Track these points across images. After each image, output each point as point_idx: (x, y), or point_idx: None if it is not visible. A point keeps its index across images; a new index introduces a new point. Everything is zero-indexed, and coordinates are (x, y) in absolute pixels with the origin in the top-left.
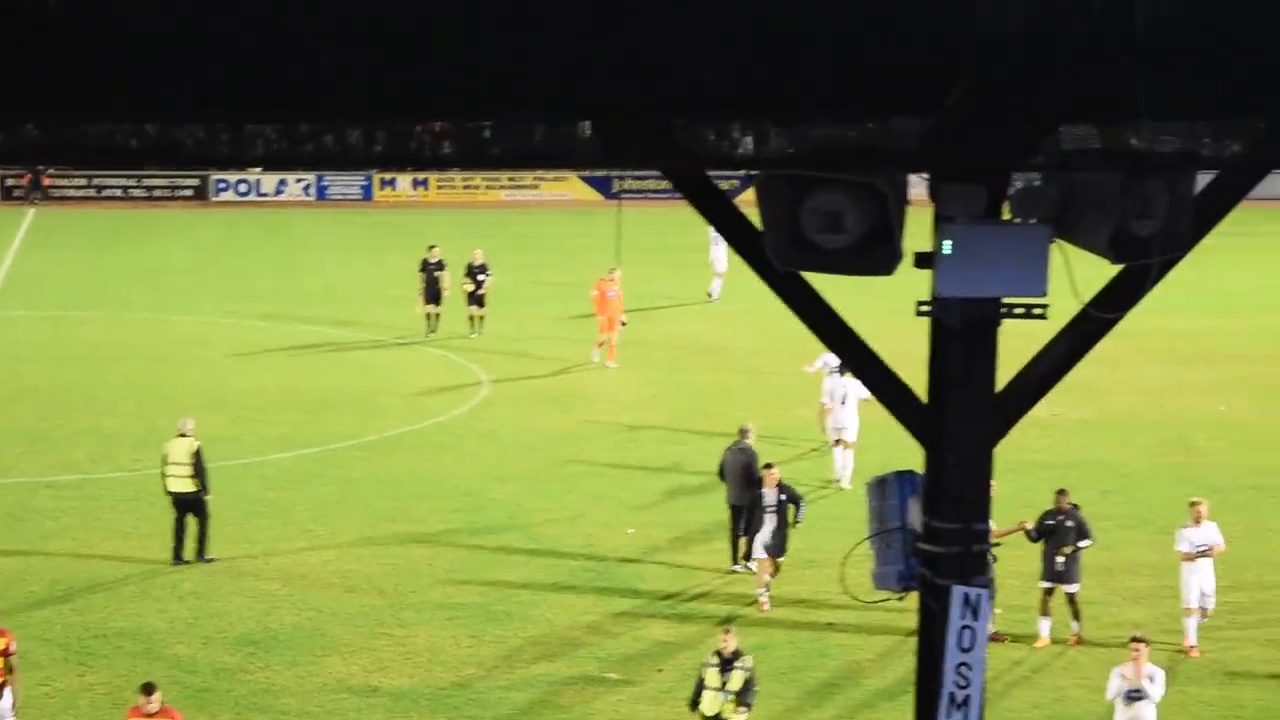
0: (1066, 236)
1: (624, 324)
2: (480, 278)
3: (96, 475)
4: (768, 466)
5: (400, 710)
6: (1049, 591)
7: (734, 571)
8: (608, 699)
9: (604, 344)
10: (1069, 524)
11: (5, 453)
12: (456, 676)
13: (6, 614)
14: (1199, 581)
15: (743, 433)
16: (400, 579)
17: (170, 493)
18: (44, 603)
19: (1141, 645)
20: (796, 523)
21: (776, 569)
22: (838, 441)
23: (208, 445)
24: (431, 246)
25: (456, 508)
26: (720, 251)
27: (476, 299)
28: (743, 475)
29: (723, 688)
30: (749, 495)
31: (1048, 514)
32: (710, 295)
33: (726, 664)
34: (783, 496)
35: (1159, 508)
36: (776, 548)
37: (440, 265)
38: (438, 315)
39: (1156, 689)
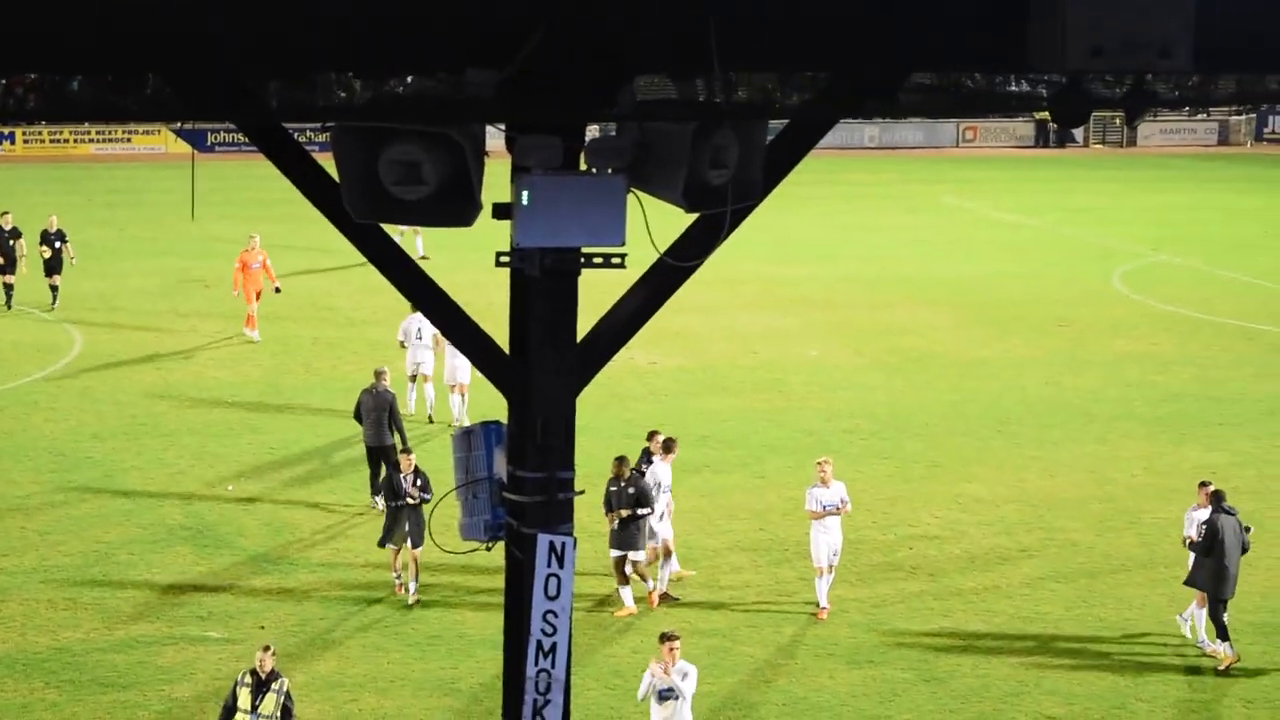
0: (643, 186)
1: (278, 290)
2: (57, 245)
3: None
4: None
5: None
6: (621, 560)
7: (373, 507)
8: (210, 658)
9: (253, 315)
10: (630, 490)
11: None
12: (53, 640)
13: None
14: (828, 541)
15: (378, 375)
16: None
17: None
18: None
19: (674, 642)
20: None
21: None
22: (413, 376)
23: None
24: (3, 213)
25: (50, 468)
26: None
27: (54, 267)
28: (379, 417)
29: (253, 711)
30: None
31: (610, 481)
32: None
33: (262, 686)
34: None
35: (756, 451)
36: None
37: (15, 233)
38: (11, 285)
39: (689, 685)
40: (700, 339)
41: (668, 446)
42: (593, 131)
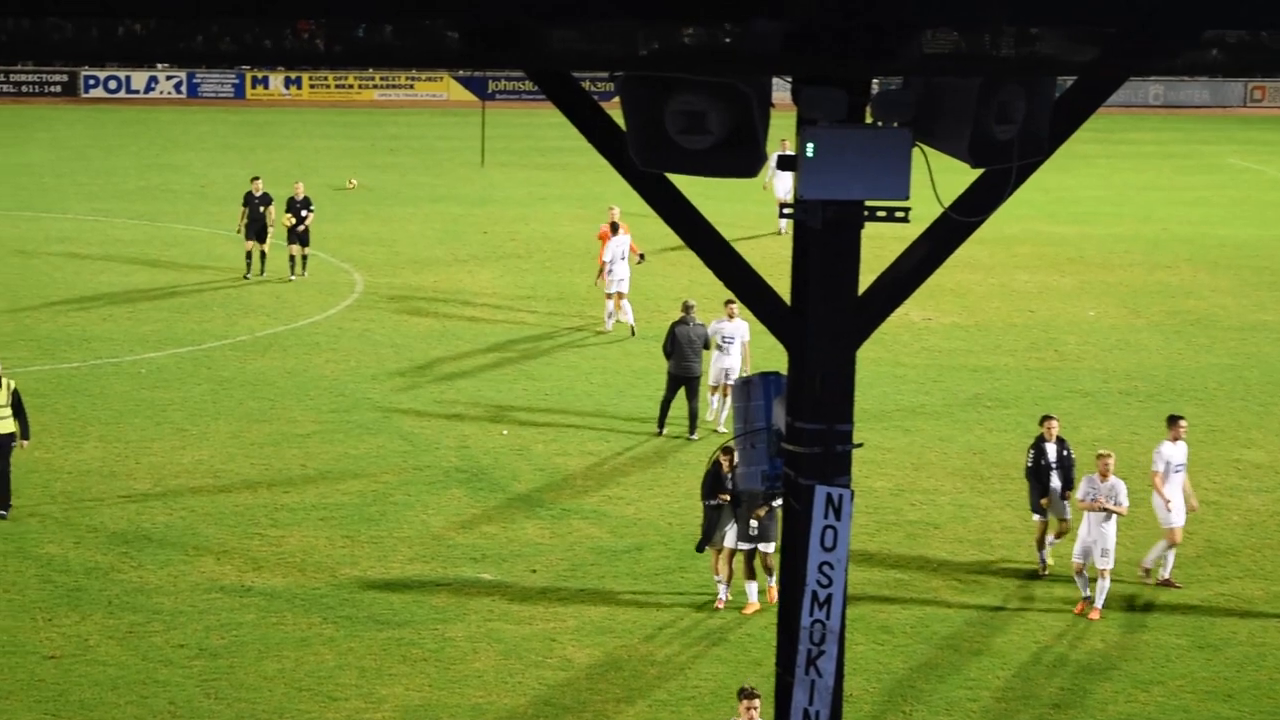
0: (928, 140)
1: (641, 259)
2: (304, 213)
3: None
4: (725, 450)
5: (274, 610)
6: (751, 554)
7: (657, 434)
8: (482, 600)
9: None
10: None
11: None
12: (331, 578)
13: None
14: (1090, 538)
15: (687, 309)
16: (274, 479)
17: None
18: None
19: (753, 701)
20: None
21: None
22: (612, 295)
23: (79, 345)
24: (255, 178)
25: (330, 408)
26: (784, 181)
27: (299, 236)
28: (690, 350)
29: None
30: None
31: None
32: (780, 230)
33: None
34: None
35: (1030, 410)
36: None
37: (265, 199)
38: (263, 253)
39: None
40: (975, 296)
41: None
42: (879, 85)
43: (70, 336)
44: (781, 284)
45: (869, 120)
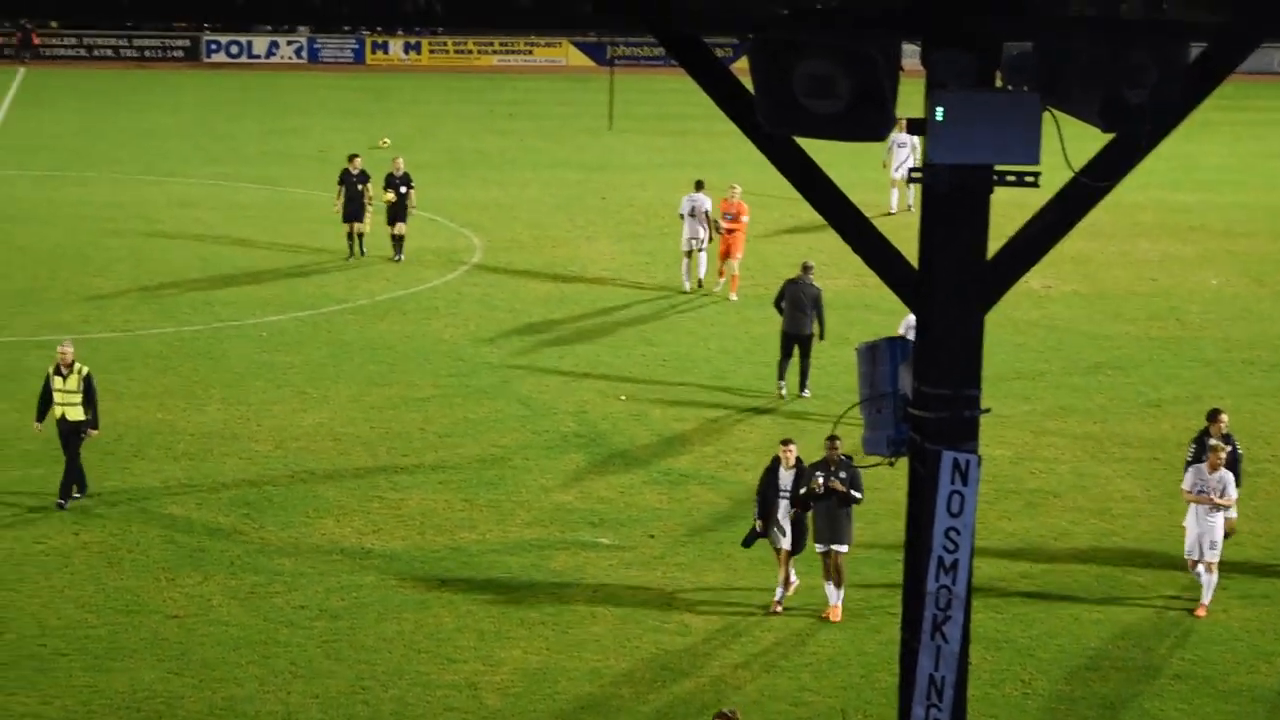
0: (1058, 104)
1: (719, 230)
2: (403, 190)
3: (88, 335)
4: (785, 442)
5: (393, 572)
6: (826, 554)
7: (780, 395)
8: (599, 564)
9: (725, 273)
10: (841, 475)
11: None
12: (449, 540)
13: (1, 472)
14: (1199, 531)
15: (805, 269)
16: (393, 442)
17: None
18: (38, 461)
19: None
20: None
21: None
22: (689, 252)
23: (201, 308)
24: (353, 156)
25: (449, 372)
26: (903, 157)
27: (397, 214)
28: (802, 306)
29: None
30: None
31: (816, 465)
32: (892, 210)
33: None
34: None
35: (1150, 380)
36: (793, 540)
37: (364, 177)
38: (361, 234)
39: None
40: (1095, 264)
41: None
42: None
43: (192, 300)
44: (904, 251)
45: (999, 84)
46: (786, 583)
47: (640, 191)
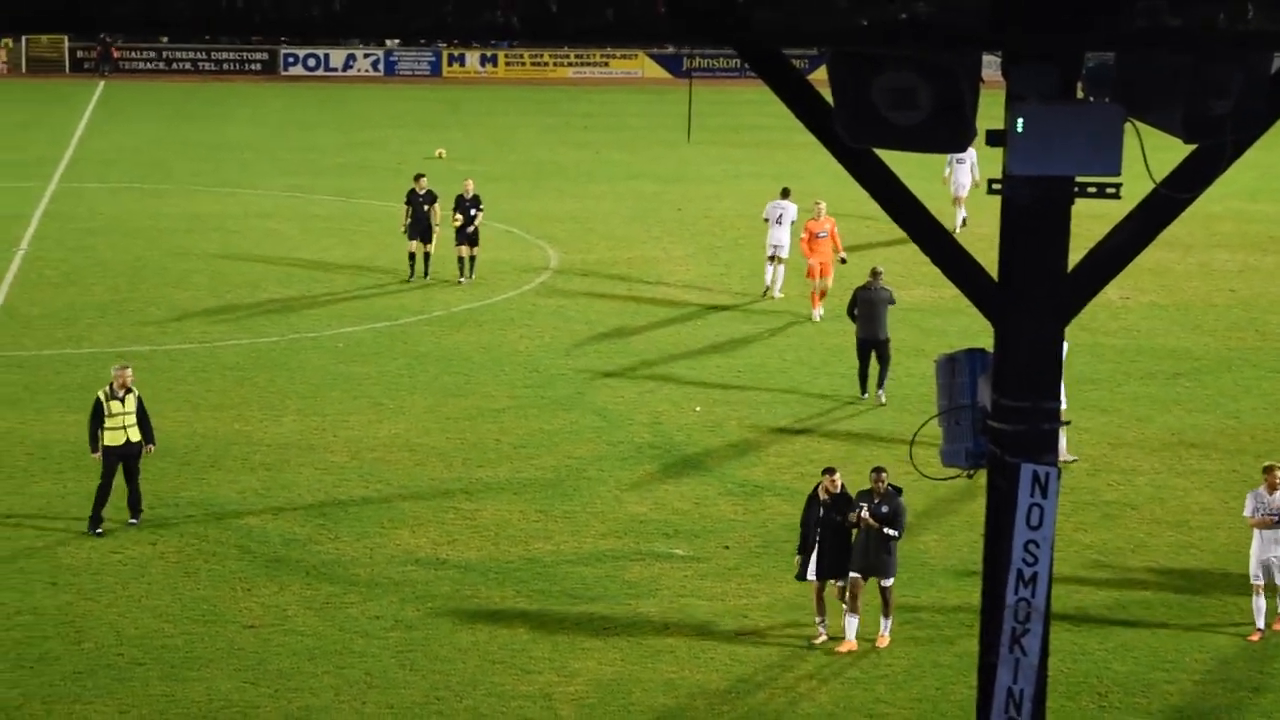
0: (1140, 115)
1: (843, 261)
2: (473, 212)
3: (166, 346)
4: (828, 471)
5: (468, 583)
6: (854, 582)
7: (862, 397)
8: (674, 575)
9: (818, 292)
10: (884, 509)
11: (77, 323)
12: (524, 551)
13: (80, 482)
14: (1264, 555)
15: (875, 274)
16: (469, 453)
17: (109, 447)
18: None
19: None
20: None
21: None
22: (772, 258)
23: (277, 319)
24: (419, 176)
25: (524, 383)
26: (963, 175)
27: (467, 236)
28: (875, 313)
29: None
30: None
31: (861, 496)
32: (956, 228)
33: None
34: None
35: (1229, 391)
36: (827, 568)
37: (430, 197)
38: (428, 255)
39: None
40: (1174, 275)
41: None
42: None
43: (269, 311)
44: (985, 259)
45: (1080, 95)
46: (823, 610)
47: (716, 203)
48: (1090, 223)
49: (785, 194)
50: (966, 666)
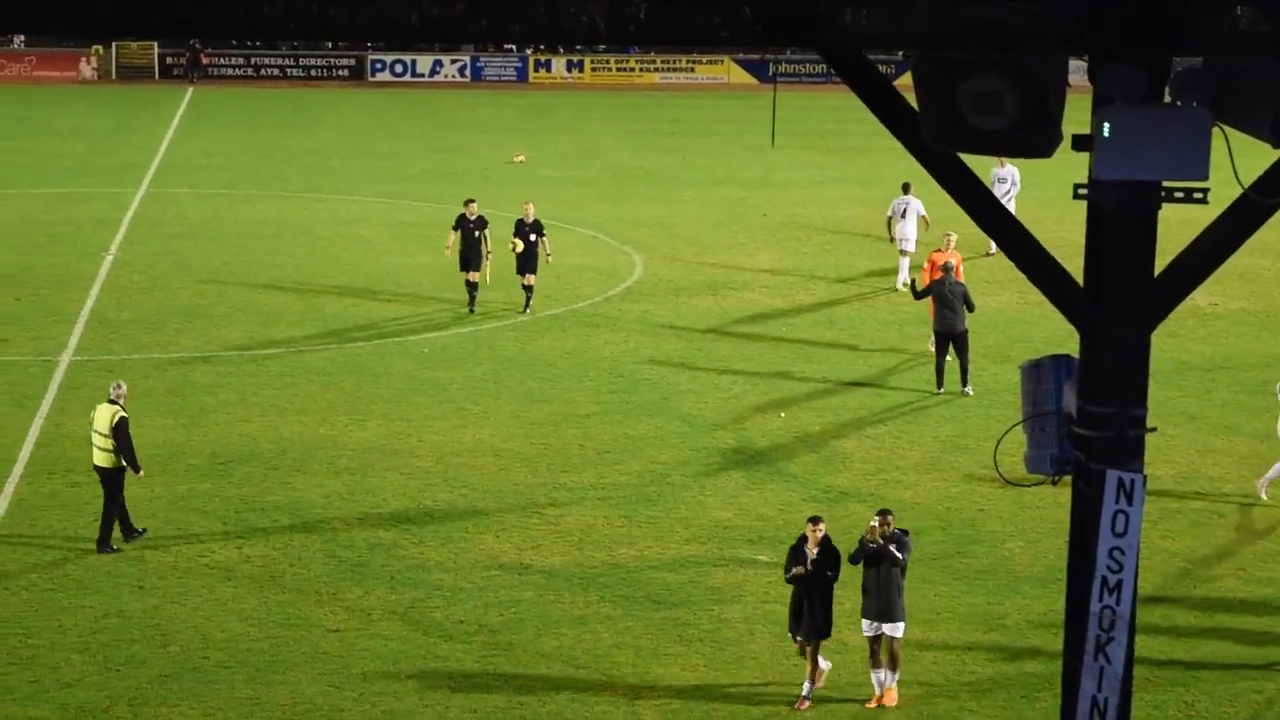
0: (1227, 120)
1: (970, 309)
2: (533, 238)
3: (253, 351)
4: (813, 520)
5: (552, 588)
6: (877, 636)
7: (938, 393)
8: (758, 581)
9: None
10: (891, 549)
11: (165, 328)
12: (608, 556)
13: (167, 486)
14: None
15: (946, 270)
16: (553, 458)
17: (95, 467)
18: (203, 476)
19: None
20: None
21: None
22: (902, 251)
23: (364, 324)
24: (469, 201)
25: (609, 388)
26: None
27: (526, 264)
28: (952, 305)
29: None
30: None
31: (866, 539)
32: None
33: None
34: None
35: None
36: (810, 626)
37: (481, 223)
38: (475, 285)
39: None
40: (1264, 282)
41: None
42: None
43: (355, 316)
44: (1071, 264)
45: (1168, 99)
46: (814, 675)
47: (802, 209)
48: (1178, 228)
49: (906, 189)
50: (1052, 674)
